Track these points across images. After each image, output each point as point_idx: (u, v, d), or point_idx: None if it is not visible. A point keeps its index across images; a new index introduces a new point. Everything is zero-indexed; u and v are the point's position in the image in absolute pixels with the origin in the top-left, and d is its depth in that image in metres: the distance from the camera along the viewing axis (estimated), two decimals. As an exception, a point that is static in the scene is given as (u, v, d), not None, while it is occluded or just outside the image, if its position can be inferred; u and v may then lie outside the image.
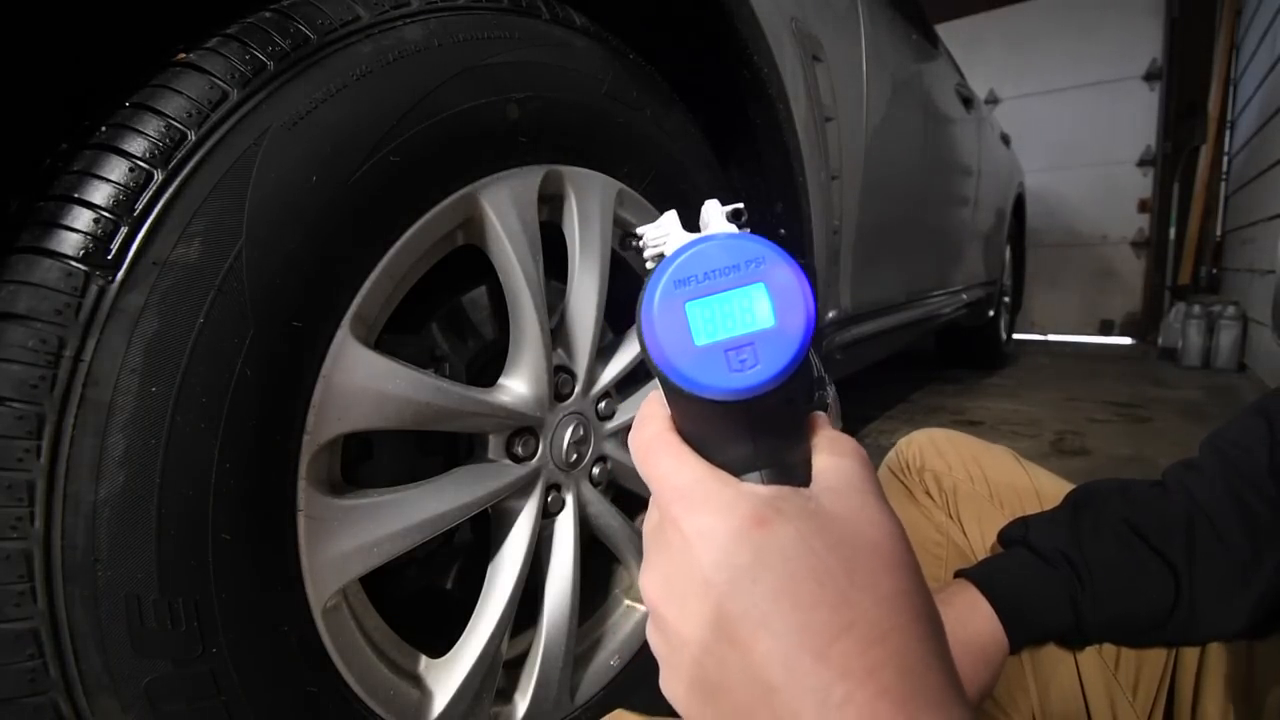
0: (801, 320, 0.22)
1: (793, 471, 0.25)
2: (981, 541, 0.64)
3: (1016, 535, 0.55)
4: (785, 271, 0.22)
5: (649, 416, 0.27)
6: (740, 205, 0.27)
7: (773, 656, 0.21)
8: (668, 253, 0.25)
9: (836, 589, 0.21)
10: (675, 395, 0.24)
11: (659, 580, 0.24)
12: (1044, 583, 0.51)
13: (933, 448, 0.70)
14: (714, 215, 0.26)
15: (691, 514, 0.23)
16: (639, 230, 0.28)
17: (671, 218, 0.27)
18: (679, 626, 0.23)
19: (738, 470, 0.24)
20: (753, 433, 0.24)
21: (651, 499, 0.27)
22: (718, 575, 0.22)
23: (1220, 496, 0.48)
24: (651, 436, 0.26)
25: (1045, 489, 0.64)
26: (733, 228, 0.26)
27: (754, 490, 0.23)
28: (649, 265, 0.29)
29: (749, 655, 0.21)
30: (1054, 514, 0.54)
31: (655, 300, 0.22)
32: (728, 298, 0.22)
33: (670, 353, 0.22)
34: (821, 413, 0.28)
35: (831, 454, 0.26)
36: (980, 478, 0.66)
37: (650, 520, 0.27)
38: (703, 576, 0.22)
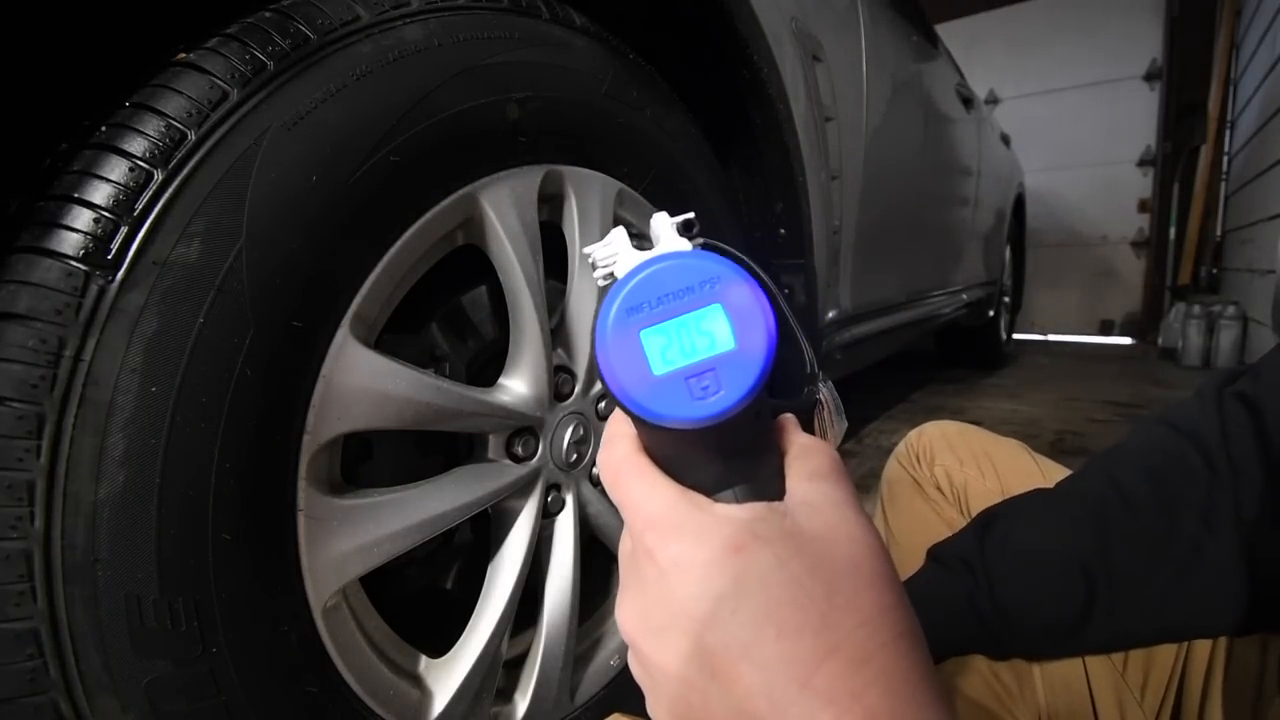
0: (763, 340, 0.21)
1: (766, 485, 0.24)
2: None
3: (931, 549, 0.54)
4: (742, 290, 0.21)
5: (616, 437, 0.26)
6: (691, 216, 0.25)
7: (757, 688, 0.20)
8: (619, 274, 0.24)
9: (818, 613, 0.21)
10: (638, 422, 0.23)
11: (636, 612, 0.24)
12: (942, 590, 0.50)
13: (944, 441, 0.69)
14: (663, 229, 0.25)
15: (666, 543, 0.23)
16: (586, 250, 0.27)
17: (620, 235, 0.26)
18: (659, 660, 0.23)
19: (710, 489, 0.24)
20: (722, 453, 0.23)
21: (624, 525, 0.26)
22: (696, 606, 0.21)
23: (1138, 473, 0.46)
24: (620, 460, 0.25)
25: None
26: (684, 242, 0.24)
27: (728, 513, 0.23)
28: (600, 285, 0.27)
29: (733, 688, 0.21)
30: (968, 525, 0.53)
31: (608, 329, 0.21)
32: (684, 322, 0.21)
33: (628, 384, 0.21)
34: (791, 416, 0.27)
35: (804, 464, 0.25)
36: (992, 473, 0.65)
37: (624, 548, 0.26)
38: (680, 608, 0.22)
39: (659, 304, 0.21)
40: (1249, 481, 0.41)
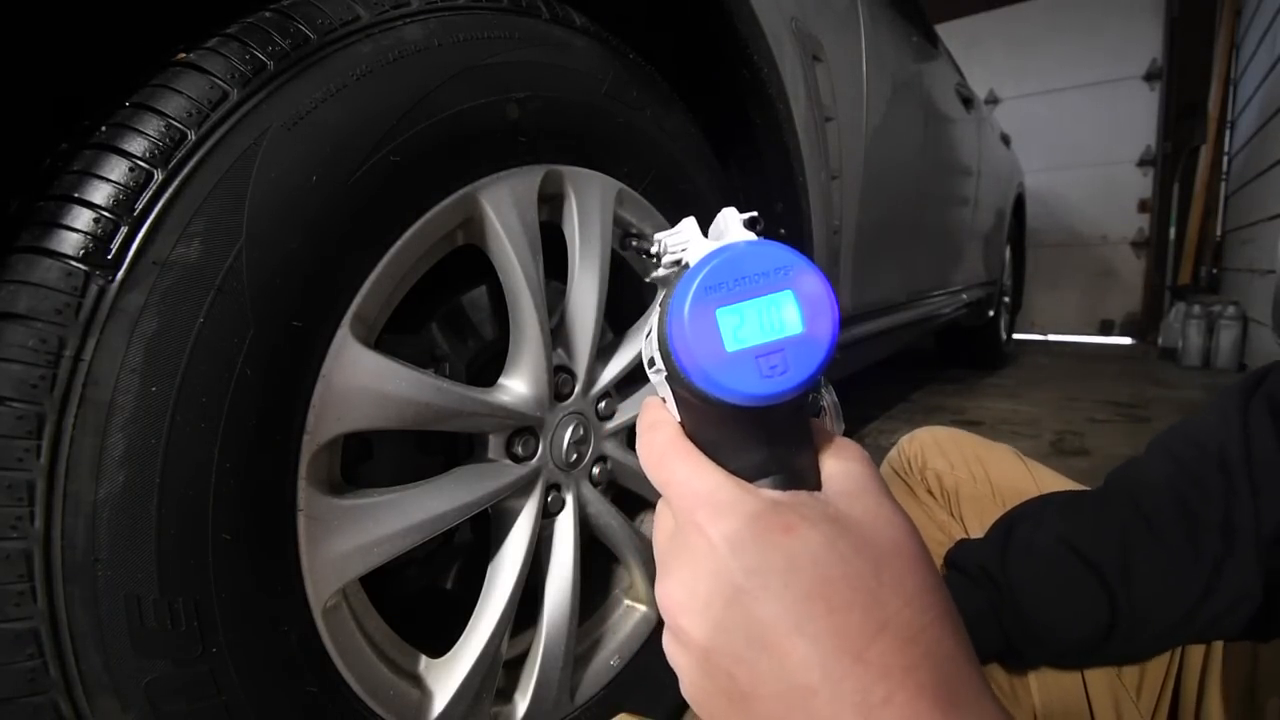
0: (828, 326, 0.22)
1: (803, 476, 0.25)
2: None
3: (949, 554, 0.55)
4: (812, 279, 0.22)
5: (658, 423, 0.27)
6: (756, 214, 0.27)
7: (810, 660, 0.20)
8: (690, 260, 0.25)
9: (867, 590, 0.21)
10: (697, 401, 0.24)
11: (682, 588, 0.24)
12: (965, 599, 0.50)
13: (935, 446, 0.70)
14: (732, 223, 0.26)
15: (718, 520, 0.23)
16: (656, 236, 0.28)
17: (691, 224, 0.27)
18: (703, 634, 0.23)
19: (751, 476, 0.24)
20: (768, 440, 0.24)
21: (661, 506, 0.27)
22: (749, 581, 0.22)
23: (1161, 495, 0.46)
24: (665, 443, 0.26)
25: (1047, 487, 0.64)
26: (750, 235, 0.26)
27: (774, 496, 0.23)
28: (662, 272, 0.28)
29: (785, 660, 0.21)
30: (988, 533, 0.54)
31: (686, 306, 0.22)
32: (758, 304, 0.22)
33: (702, 359, 0.22)
34: (814, 419, 0.28)
35: (839, 458, 0.26)
36: (983, 476, 0.66)
37: (664, 529, 0.26)
38: (732, 581, 0.22)
39: (736, 285, 0.22)
40: (1270, 499, 0.41)
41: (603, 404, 0.73)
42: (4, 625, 0.38)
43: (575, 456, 0.69)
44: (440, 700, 0.57)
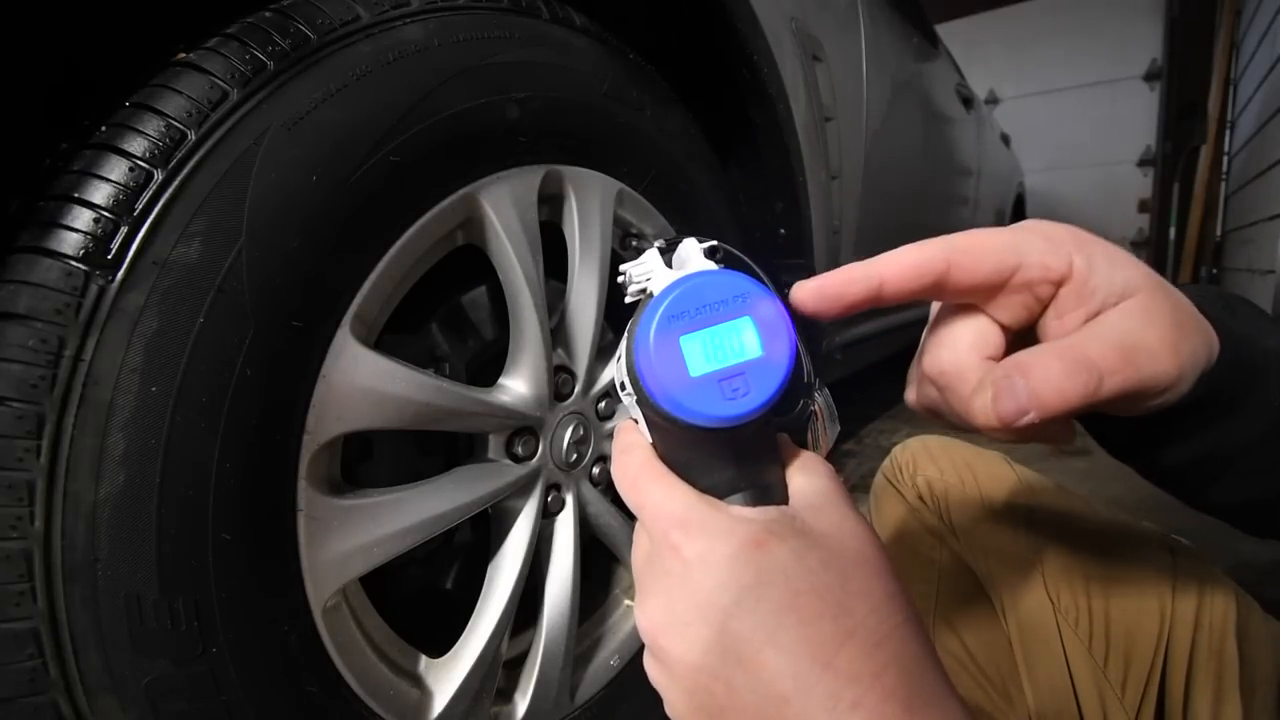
0: (786, 349, 0.23)
1: (772, 491, 0.26)
2: (974, 543, 0.64)
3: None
4: (769, 305, 0.24)
5: (631, 446, 0.28)
6: (716, 242, 0.28)
7: (783, 670, 0.21)
8: (654, 289, 0.26)
9: (835, 600, 0.22)
10: (666, 425, 0.25)
11: (660, 608, 0.24)
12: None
13: (925, 454, 0.71)
14: (693, 253, 0.28)
15: (690, 540, 0.24)
16: (622, 267, 0.29)
17: (654, 255, 0.29)
18: (682, 652, 0.23)
19: (722, 493, 0.25)
20: (735, 459, 0.25)
21: (638, 529, 0.28)
22: (721, 596, 0.22)
23: None
24: (638, 466, 0.27)
25: (1037, 491, 0.64)
26: (711, 264, 0.27)
27: (744, 513, 0.24)
28: (629, 300, 0.29)
29: (759, 673, 0.22)
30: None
31: (651, 334, 0.23)
32: (719, 331, 0.23)
33: (668, 384, 0.23)
34: (784, 435, 0.29)
35: (805, 473, 0.27)
36: (972, 482, 0.67)
37: (640, 551, 0.27)
38: (706, 599, 0.23)
39: (697, 313, 0.23)
40: None
41: (603, 404, 0.73)
42: (4, 625, 0.38)
43: (575, 456, 0.69)
44: (440, 700, 0.57)
